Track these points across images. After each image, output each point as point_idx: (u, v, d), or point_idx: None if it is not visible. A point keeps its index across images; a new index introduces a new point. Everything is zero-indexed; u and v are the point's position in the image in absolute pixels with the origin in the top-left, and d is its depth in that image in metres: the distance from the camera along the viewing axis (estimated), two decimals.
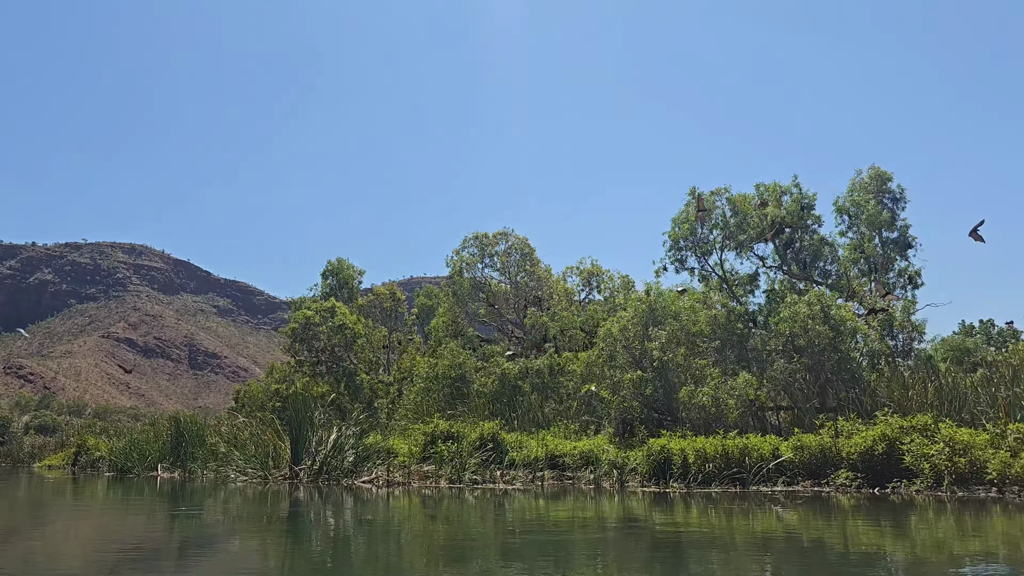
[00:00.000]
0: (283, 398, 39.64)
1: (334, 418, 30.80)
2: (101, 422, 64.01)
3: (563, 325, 35.61)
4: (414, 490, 17.35)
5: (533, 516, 12.27)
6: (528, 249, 39.51)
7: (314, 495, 16.68)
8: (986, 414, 14.95)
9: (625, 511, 12.81)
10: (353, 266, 50.52)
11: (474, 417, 27.76)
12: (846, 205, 26.18)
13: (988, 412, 14.95)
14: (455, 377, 32.55)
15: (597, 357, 21.26)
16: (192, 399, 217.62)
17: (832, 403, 20.73)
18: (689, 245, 25.87)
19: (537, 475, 17.70)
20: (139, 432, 32.98)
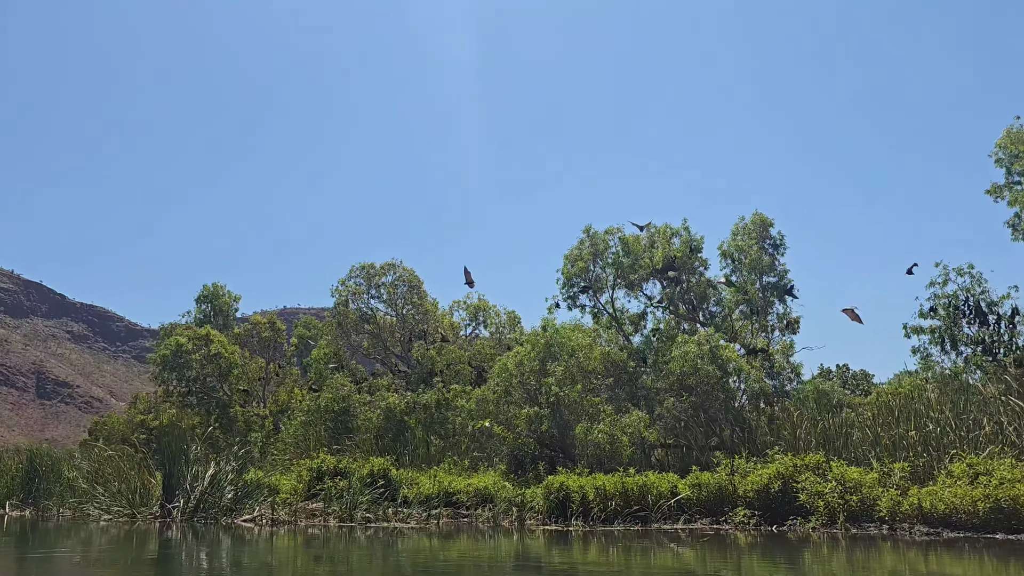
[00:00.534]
0: (149, 430, 37.26)
1: (207, 452, 29.12)
2: None
3: (450, 359, 35.20)
4: (300, 529, 16.43)
5: (426, 556, 11.78)
6: (416, 281, 39.03)
7: (188, 535, 15.51)
8: (870, 453, 15.60)
9: (523, 550, 12.52)
10: (230, 292, 48.50)
11: (359, 453, 26.88)
12: (730, 250, 27.18)
13: (871, 451, 15.61)
14: (339, 411, 31.49)
15: (492, 392, 20.99)
16: (38, 431, 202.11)
17: (717, 442, 21.25)
18: (582, 283, 26.16)
19: (432, 513, 17.13)
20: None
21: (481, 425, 21.02)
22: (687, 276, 26.63)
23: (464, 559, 11.37)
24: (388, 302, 38.23)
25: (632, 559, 10.87)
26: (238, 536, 15.39)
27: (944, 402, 16.79)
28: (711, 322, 26.86)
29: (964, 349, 23.42)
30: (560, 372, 20.24)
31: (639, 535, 13.88)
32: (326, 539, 14.57)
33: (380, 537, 14.83)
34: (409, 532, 15.56)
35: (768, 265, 26.85)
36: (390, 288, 37.86)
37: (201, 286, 48.29)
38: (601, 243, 25.70)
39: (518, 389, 20.48)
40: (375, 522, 16.87)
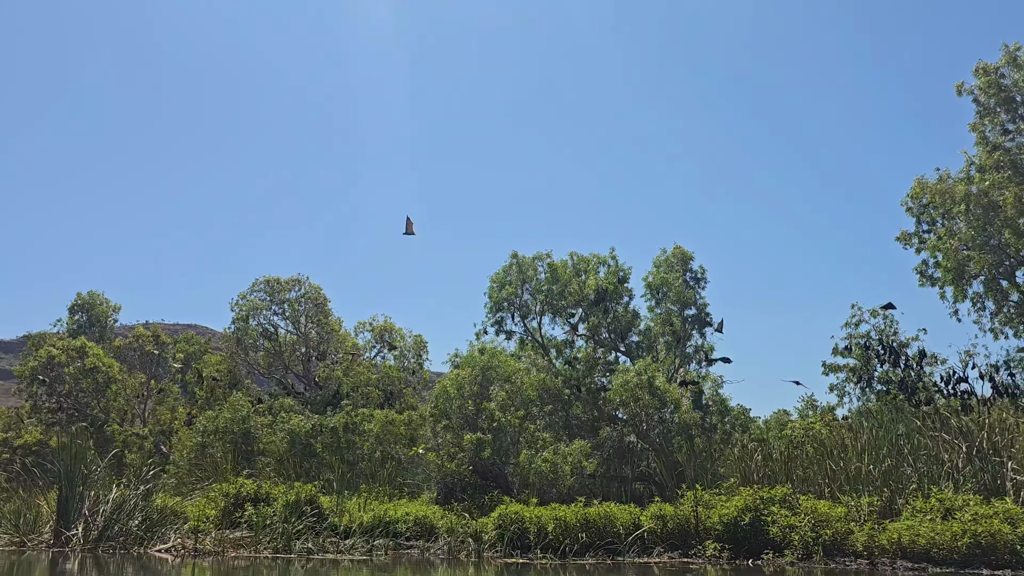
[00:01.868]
0: (12, 449, 33.71)
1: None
2: None
3: (357, 382, 33.80)
4: (226, 561, 14.92)
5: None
6: (321, 299, 37.43)
7: (94, 567, 13.78)
8: (823, 486, 15.70)
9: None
10: (108, 301, 45.16)
11: (261, 478, 25.19)
12: (655, 281, 27.36)
13: (825, 485, 15.71)
14: (239, 432, 29.47)
15: (430, 416, 20.03)
16: None
17: (650, 472, 21.09)
18: (512, 307, 25.65)
19: (375, 544, 15.94)
20: None
21: (416, 452, 19.98)
22: (613, 306, 26.60)
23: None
24: (291, 319, 36.43)
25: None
26: (152, 569, 13.80)
27: (881, 438, 17.17)
28: (634, 352, 26.90)
29: (877, 387, 24.37)
30: (502, 397, 19.54)
31: (609, 569, 13.32)
32: (259, 573, 13.24)
33: (323, 570, 13.62)
34: (353, 565, 14.40)
35: (690, 298, 27.21)
36: (294, 304, 36.10)
37: (74, 294, 44.79)
38: (529, 268, 25.31)
39: (456, 414, 19.61)
40: (317, 553, 15.53)
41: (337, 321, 37.74)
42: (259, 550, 15.75)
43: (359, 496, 20.68)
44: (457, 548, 15.40)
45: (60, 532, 16.93)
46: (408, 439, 29.53)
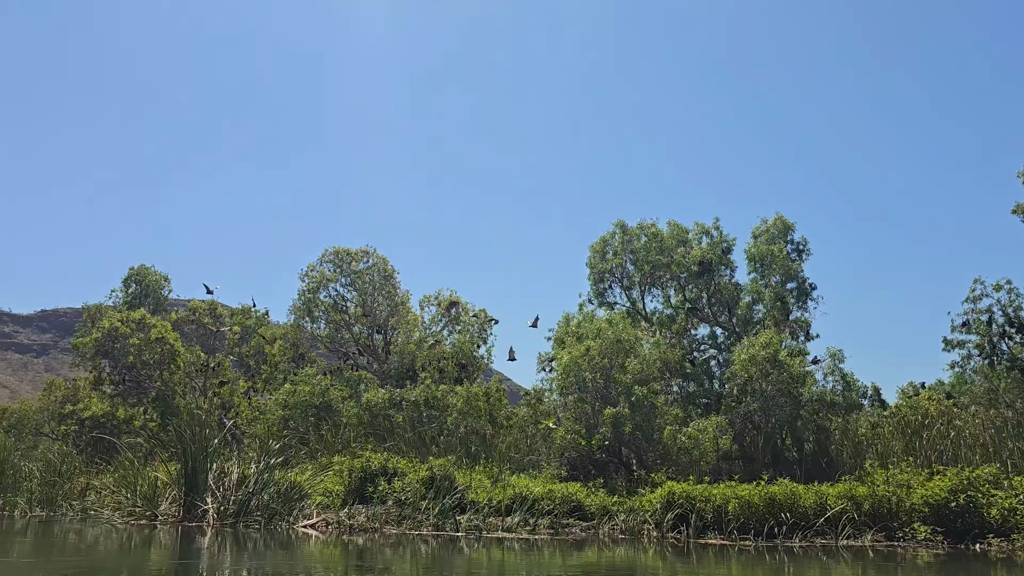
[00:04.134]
0: (80, 421, 32.96)
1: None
2: None
3: (432, 356, 32.95)
4: (390, 539, 14.05)
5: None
6: (389, 271, 36.47)
7: (272, 545, 12.93)
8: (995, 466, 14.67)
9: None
10: (159, 273, 44.31)
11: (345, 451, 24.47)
12: (757, 252, 26.30)
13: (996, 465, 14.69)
14: (318, 406, 28.68)
15: (558, 390, 19.12)
16: None
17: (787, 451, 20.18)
18: (613, 278, 24.66)
19: (540, 522, 15.05)
20: None
21: (546, 425, 19.07)
22: (716, 278, 25.60)
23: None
24: (360, 291, 35.51)
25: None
26: (337, 546, 12.92)
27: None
28: (737, 326, 25.92)
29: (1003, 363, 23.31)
30: (637, 370, 18.61)
31: (818, 552, 12.41)
32: (449, 551, 12.36)
33: (516, 549, 12.74)
34: (526, 545, 13.51)
35: (794, 270, 26.17)
36: (363, 276, 35.19)
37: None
38: (635, 238, 24.26)
39: (589, 388, 18.67)
40: (484, 532, 14.66)
41: (405, 294, 36.80)
42: (413, 526, 14.88)
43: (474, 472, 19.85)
44: (633, 529, 14.50)
45: (195, 507, 16.12)
46: (489, 415, 28.75)
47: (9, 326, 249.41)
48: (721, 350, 26.19)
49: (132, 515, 16.76)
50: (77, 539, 13.69)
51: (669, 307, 26.02)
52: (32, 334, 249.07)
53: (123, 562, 10.98)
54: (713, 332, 26.88)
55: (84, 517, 17.99)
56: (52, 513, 19.01)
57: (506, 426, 27.55)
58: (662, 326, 25.28)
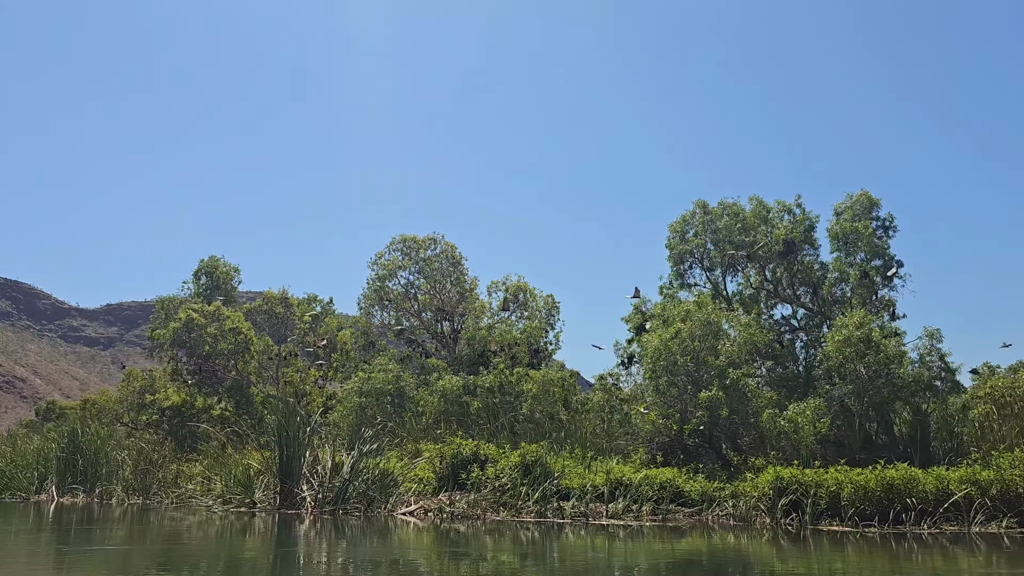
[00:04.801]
0: (161, 411, 33.64)
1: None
2: None
3: (504, 341, 32.79)
4: (492, 526, 13.89)
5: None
6: (457, 257, 36.37)
7: (381, 532, 12.88)
8: None
9: None
10: (229, 264, 44.90)
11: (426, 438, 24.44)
12: (841, 230, 25.44)
13: None
14: (393, 393, 28.75)
15: (646, 374, 18.73)
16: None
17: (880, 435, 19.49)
18: (695, 260, 24.11)
19: (643, 509, 14.75)
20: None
21: (638, 411, 18.72)
22: (801, 256, 24.85)
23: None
24: (428, 278, 35.49)
25: None
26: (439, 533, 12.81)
27: None
28: (820, 306, 25.16)
29: None
30: (733, 352, 18.14)
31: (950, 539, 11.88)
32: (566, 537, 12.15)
33: (621, 536, 12.47)
34: (632, 532, 13.22)
35: (880, 248, 25.26)
36: (432, 263, 35.16)
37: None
38: (719, 218, 23.64)
39: (678, 372, 18.25)
40: (585, 519, 14.43)
41: (473, 280, 36.70)
42: (515, 513, 14.71)
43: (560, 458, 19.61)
44: (744, 515, 14.10)
45: (286, 494, 16.20)
46: (564, 400, 28.47)
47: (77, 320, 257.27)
48: (803, 331, 25.48)
49: (229, 502, 16.92)
50: (185, 526, 13.82)
51: (749, 288, 25.36)
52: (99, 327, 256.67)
53: (239, 549, 11.00)
54: (794, 313, 26.17)
55: (180, 504, 18.26)
56: (147, 500, 19.34)
57: (581, 412, 27.26)
58: (743, 307, 24.65)
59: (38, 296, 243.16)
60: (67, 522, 14.64)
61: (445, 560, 9.72)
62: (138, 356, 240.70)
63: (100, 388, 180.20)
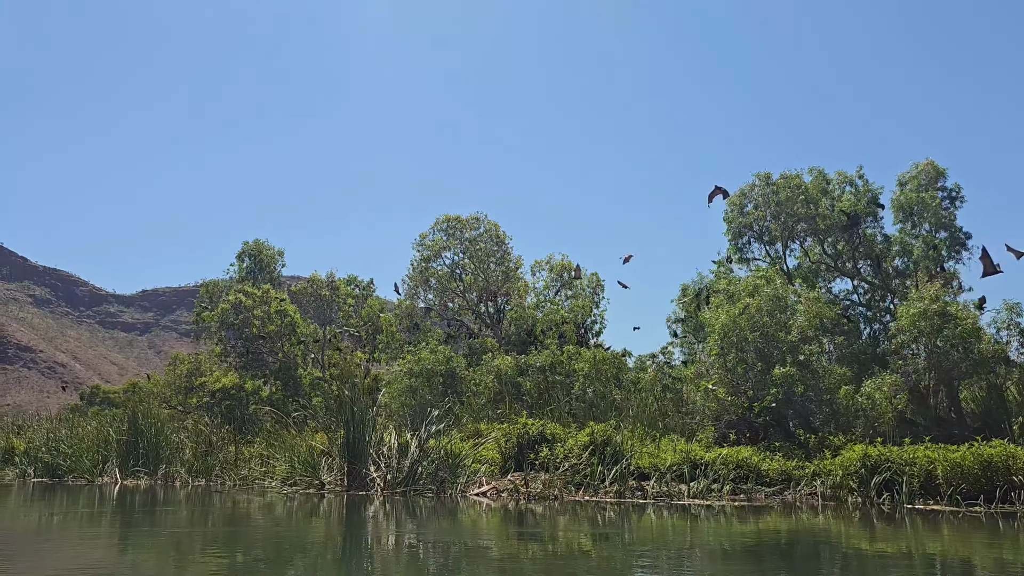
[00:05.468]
0: (211, 393, 33.77)
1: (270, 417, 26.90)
2: None
3: (553, 320, 32.42)
4: (566, 505, 13.59)
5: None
6: (500, 236, 35.98)
7: (436, 513, 12.63)
8: None
9: None
10: (272, 247, 44.93)
11: (483, 418, 24.24)
12: (906, 201, 24.62)
13: None
14: (444, 374, 28.53)
15: (714, 351, 18.24)
16: (0, 396, 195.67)
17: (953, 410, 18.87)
18: (754, 234, 23.49)
19: (724, 488, 14.36)
20: (51, 427, 26.45)
21: (705, 387, 18.27)
22: (863, 229, 24.14)
23: None
24: (473, 258, 35.16)
25: None
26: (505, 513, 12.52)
27: None
28: (884, 281, 24.46)
29: None
30: (805, 327, 17.59)
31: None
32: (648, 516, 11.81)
33: (706, 517, 12.10)
34: (714, 511, 12.84)
35: (947, 219, 24.45)
36: (477, 242, 34.82)
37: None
38: (783, 190, 22.97)
39: (747, 348, 17.73)
40: (668, 499, 14.09)
41: (518, 259, 36.31)
42: (592, 493, 14.39)
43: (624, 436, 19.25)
44: (834, 494, 13.66)
45: (353, 475, 16.02)
46: (615, 378, 28.07)
47: (114, 306, 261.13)
48: (864, 306, 24.82)
49: (296, 483, 16.80)
50: (256, 508, 13.67)
51: (809, 262, 24.72)
52: (135, 313, 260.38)
53: (318, 530, 10.79)
54: (855, 287, 25.51)
55: (244, 486, 18.18)
56: (210, 482, 19.31)
57: (632, 391, 26.86)
58: (805, 282, 24.04)
59: (76, 283, 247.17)
60: (141, 504, 14.58)
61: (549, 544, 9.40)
62: (173, 341, 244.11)
63: (138, 372, 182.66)
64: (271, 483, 17.38)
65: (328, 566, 7.82)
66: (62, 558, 8.13)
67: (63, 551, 8.70)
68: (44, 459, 21.12)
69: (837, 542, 9.57)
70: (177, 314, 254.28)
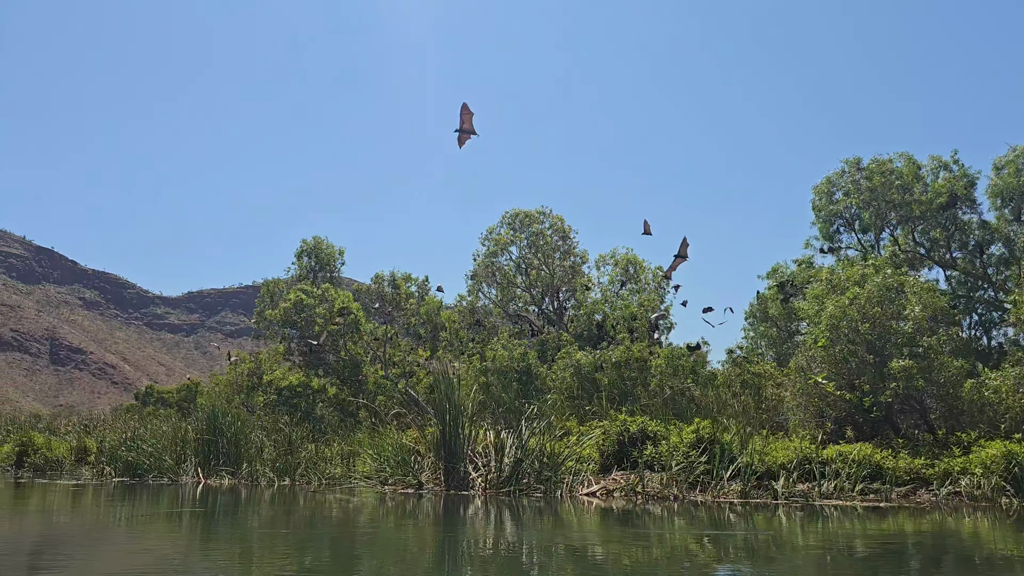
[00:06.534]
0: (279, 391, 33.55)
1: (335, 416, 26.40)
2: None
3: (623, 315, 31.62)
4: (687, 506, 12.86)
5: None
6: (566, 230, 35.28)
7: (551, 514, 11.98)
8: None
9: None
10: (332, 246, 44.61)
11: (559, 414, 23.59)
12: (1002, 186, 23.44)
13: None
14: (520, 370, 27.94)
15: (822, 342, 17.33)
16: (52, 396, 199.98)
17: None
18: (844, 221, 22.49)
19: (869, 488, 13.48)
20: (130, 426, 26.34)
21: (815, 380, 17.38)
22: (960, 216, 23.02)
23: None
24: (540, 252, 34.51)
25: None
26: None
27: None
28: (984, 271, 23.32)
29: None
30: (920, 317, 16.64)
31: None
32: (804, 523, 11.05)
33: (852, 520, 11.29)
34: (847, 513, 12.02)
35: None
36: (546, 236, 34.18)
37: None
38: (875, 175, 21.95)
39: (859, 340, 16.81)
40: (800, 499, 13.29)
41: (584, 253, 35.58)
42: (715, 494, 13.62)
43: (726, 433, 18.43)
44: (984, 495, 12.75)
45: (452, 474, 15.45)
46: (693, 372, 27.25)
47: (161, 308, 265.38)
48: (965, 297, 23.69)
49: (388, 483, 16.29)
50: (354, 508, 13.14)
51: (899, 250, 23.65)
52: (181, 315, 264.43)
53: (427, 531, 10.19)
54: (949, 277, 24.39)
55: (332, 485, 17.72)
56: (295, 482, 18.90)
57: (709, 386, 26.01)
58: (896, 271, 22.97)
59: (124, 286, 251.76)
60: (235, 504, 14.15)
61: (743, 551, 8.69)
62: (219, 342, 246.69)
63: (185, 373, 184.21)
64: (362, 482, 16.87)
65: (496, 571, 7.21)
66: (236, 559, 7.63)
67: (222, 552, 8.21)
68: (125, 458, 20.89)
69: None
70: (222, 315, 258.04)
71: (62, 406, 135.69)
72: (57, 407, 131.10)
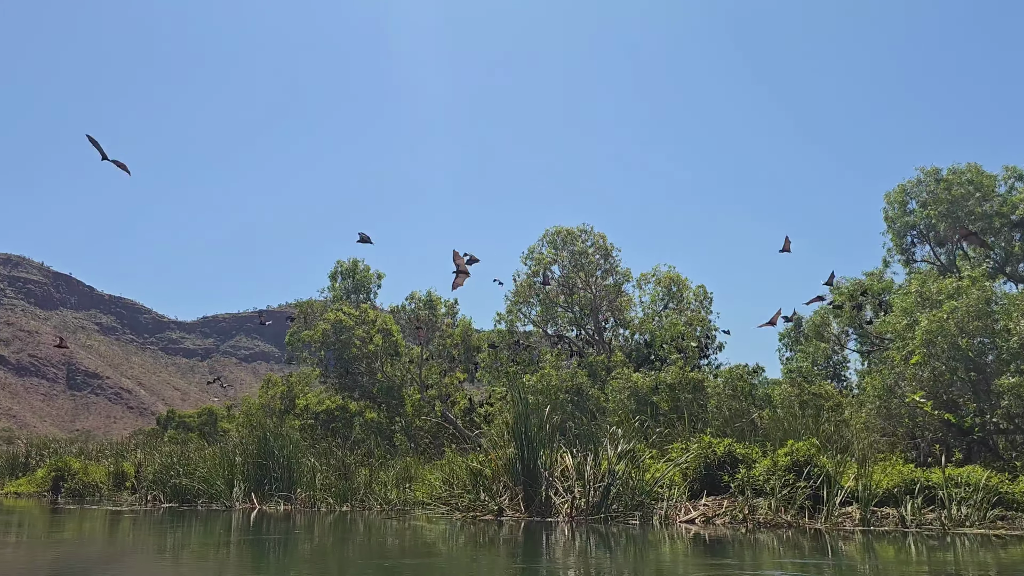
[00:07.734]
0: (315, 415, 32.71)
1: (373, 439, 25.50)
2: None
3: (672, 335, 30.76)
4: (802, 534, 11.90)
5: None
6: (608, 248, 34.52)
7: (656, 544, 11.05)
8: None
9: None
10: (369, 268, 43.98)
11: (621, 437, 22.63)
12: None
13: None
14: (571, 391, 27.04)
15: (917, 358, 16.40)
16: (69, 421, 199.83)
17: None
18: (919, 233, 21.60)
19: (981, 516, 12.51)
20: (176, 450, 25.48)
21: (913, 400, 16.44)
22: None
23: None
24: (583, 270, 33.73)
25: None
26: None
27: None
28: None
29: None
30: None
31: None
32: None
33: (1005, 550, 10.32)
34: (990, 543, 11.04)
35: None
36: (589, 254, 33.41)
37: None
38: (955, 186, 21.08)
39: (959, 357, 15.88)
40: (917, 527, 12.31)
41: (627, 271, 34.79)
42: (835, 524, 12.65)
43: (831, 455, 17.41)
44: None
45: (532, 500, 14.53)
46: (747, 393, 26.38)
47: (176, 333, 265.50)
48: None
49: (459, 509, 15.38)
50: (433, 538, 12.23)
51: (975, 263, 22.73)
52: (196, 339, 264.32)
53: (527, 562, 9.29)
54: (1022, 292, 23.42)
55: (397, 512, 16.83)
56: (353, 507, 18.02)
57: (766, 407, 25.14)
58: None
59: (140, 311, 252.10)
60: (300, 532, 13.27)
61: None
62: (233, 367, 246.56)
63: (199, 398, 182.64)
64: (427, 508, 15.97)
65: None
66: None
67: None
68: (176, 483, 20.06)
69: None
70: (236, 339, 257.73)
71: (78, 431, 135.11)
72: (73, 432, 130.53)
